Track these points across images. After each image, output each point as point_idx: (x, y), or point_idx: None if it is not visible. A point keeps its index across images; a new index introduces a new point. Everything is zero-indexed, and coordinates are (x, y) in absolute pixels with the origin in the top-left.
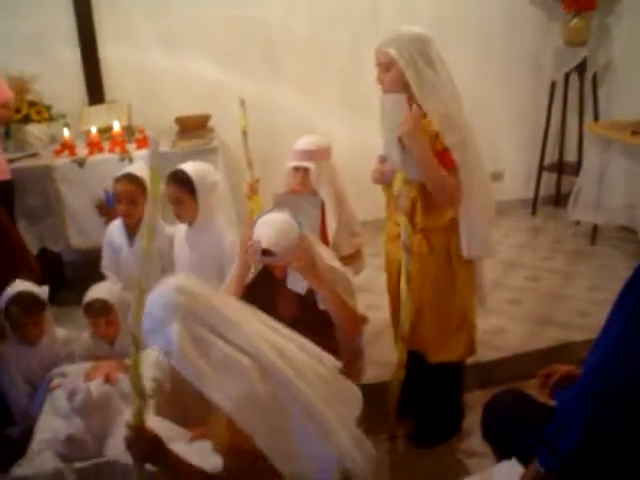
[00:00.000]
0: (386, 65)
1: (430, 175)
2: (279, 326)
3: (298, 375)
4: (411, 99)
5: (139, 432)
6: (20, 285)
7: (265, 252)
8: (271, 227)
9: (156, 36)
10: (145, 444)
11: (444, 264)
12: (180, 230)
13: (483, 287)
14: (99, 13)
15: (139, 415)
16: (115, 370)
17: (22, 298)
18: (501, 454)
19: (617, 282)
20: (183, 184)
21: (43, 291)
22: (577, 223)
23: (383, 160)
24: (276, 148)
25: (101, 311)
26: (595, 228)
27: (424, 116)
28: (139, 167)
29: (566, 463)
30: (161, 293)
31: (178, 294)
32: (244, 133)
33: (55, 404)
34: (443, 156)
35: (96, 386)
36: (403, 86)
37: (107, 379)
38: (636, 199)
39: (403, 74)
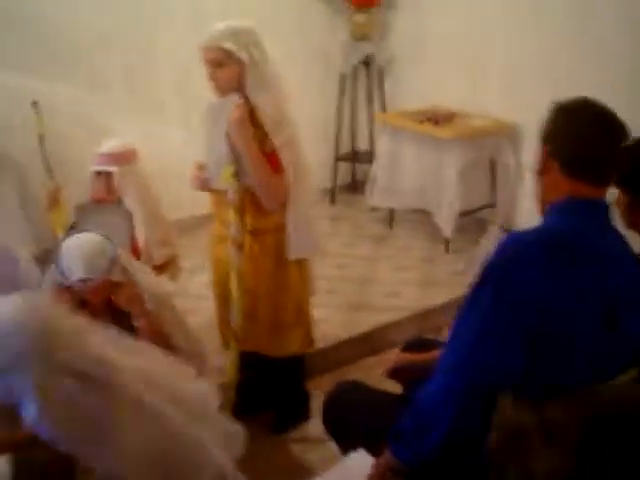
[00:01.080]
0: (219, 61)
1: (254, 172)
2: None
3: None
4: (243, 95)
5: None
6: None
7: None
8: (82, 254)
9: None
10: None
11: (276, 264)
12: None
13: (312, 280)
14: None
15: None
16: None
17: None
18: (345, 447)
19: (418, 261)
20: None
21: None
22: (374, 209)
23: (201, 167)
24: (67, 153)
25: None
26: (392, 212)
27: (254, 113)
28: None
29: (426, 459)
30: None
31: None
32: (40, 138)
33: None
34: (271, 158)
35: None
36: (238, 82)
37: None
38: (426, 183)
39: (239, 69)
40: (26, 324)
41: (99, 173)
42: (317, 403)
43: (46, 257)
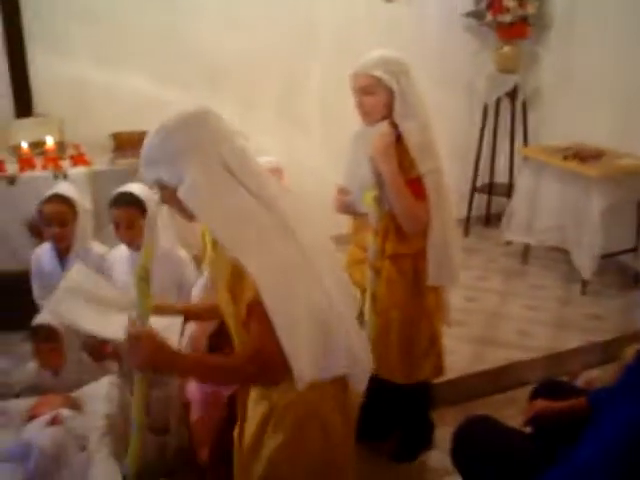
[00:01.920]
0: (369, 88)
1: (396, 198)
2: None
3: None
4: (391, 123)
5: (140, 338)
6: None
7: None
8: None
9: (87, 46)
10: (147, 350)
11: (412, 289)
12: (120, 253)
13: (449, 310)
14: (28, 20)
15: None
16: (61, 406)
17: None
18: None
19: (550, 301)
20: (134, 207)
21: None
22: (508, 243)
23: (343, 190)
24: None
25: (47, 338)
26: (527, 248)
27: (401, 140)
28: (66, 187)
29: None
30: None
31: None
32: None
33: None
34: (415, 185)
35: (49, 439)
36: (387, 109)
37: (53, 421)
38: (566, 221)
39: (388, 96)
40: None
41: None
42: (440, 434)
43: (196, 261)
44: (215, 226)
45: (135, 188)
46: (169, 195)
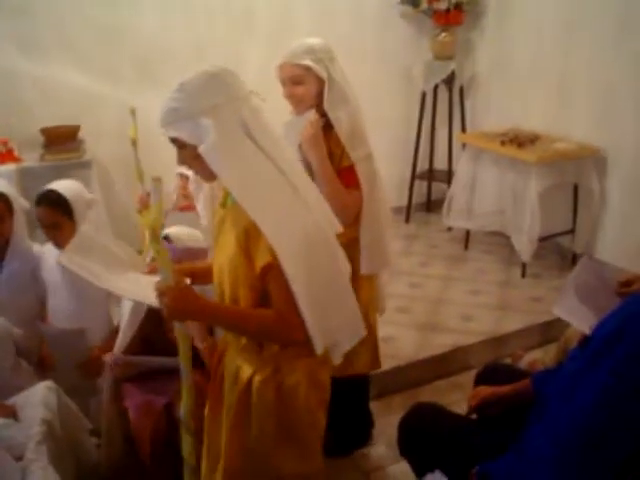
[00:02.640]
0: (298, 78)
1: (325, 187)
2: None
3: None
4: (319, 111)
5: (165, 292)
6: None
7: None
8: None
9: (14, 36)
10: (174, 301)
11: None
12: (49, 254)
13: (383, 298)
14: None
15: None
16: None
17: None
18: (419, 469)
19: (492, 285)
20: (58, 206)
21: None
22: (449, 229)
23: None
24: (154, 158)
25: None
26: (468, 233)
27: (331, 129)
28: (1, 183)
29: None
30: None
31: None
32: (134, 143)
33: None
34: (348, 173)
35: None
36: (318, 98)
37: None
38: (505, 205)
39: (318, 85)
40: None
41: (181, 175)
42: (387, 422)
43: None
44: (234, 185)
45: (62, 186)
46: (188, 154)
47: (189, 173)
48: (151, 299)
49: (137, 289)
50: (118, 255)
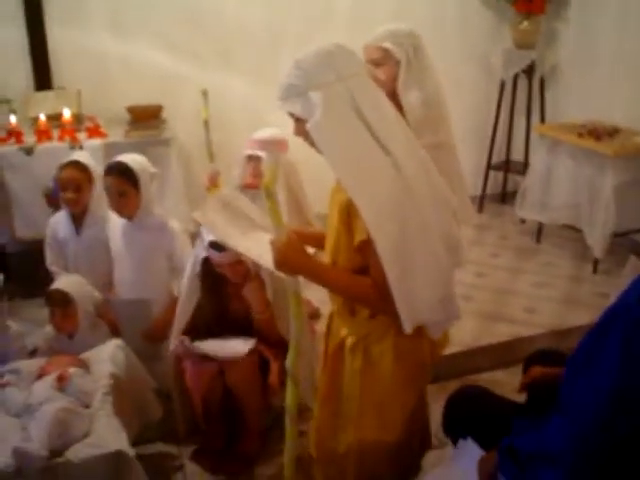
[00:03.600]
0: (379, 60)
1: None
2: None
3: (433, 204)
4: (392, 94)
5: (277, 245)
6: None
7: (213, 245)
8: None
9: (107, 21)
10: (285, 254)
11: None
12: (115, 223)
13: None
14: None
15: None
16: (68, 365)
17: None
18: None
19: (561, 279)
20: (125, 176)
21: None
22: (523, 221)
23: None
24: (229, 140)
25: (59, 302)
26: (540, 226)
27: (401, 113)
28: (83, 154)
29: None
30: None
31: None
32: (206, 124)
33: (6, 403)
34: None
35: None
36: (393, 82)
37: (59, 378)
38: (580, 199)
39: (396, 69)
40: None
41: (250, 157)
42: (439, 406)
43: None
44: (336, 163)
45: (130, 158)
46: (302, 128)
47: (261, 154)
48: (266, 260)
49: (258, 249)
50: (248, 215)
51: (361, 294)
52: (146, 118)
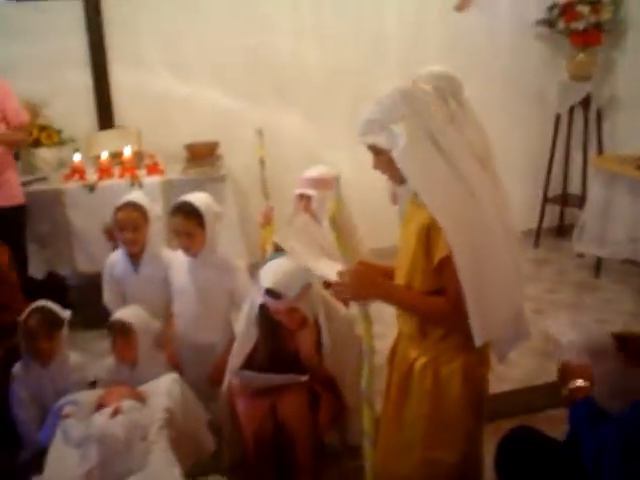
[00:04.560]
0: None
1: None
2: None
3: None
4: None
5: (347, 275)
6: (42, 301)
7: (269, 293)
8: (279, 268)
9: (166, 62)
10: (356, 284)
11: None
12: (178, 260)
13: None
14: (110, 37)
15: None
16: (125, 397)
17: (41, 311)
18: None
19: (623, 316)
20: (192, 216)
21: (65, 313)
22: (580, 255)
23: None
24: (283, 176)
25: (120, 332)
26: (599, 261)
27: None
28: (139, 194)
29: None
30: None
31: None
32: (261, 162)
33: (67, 434)
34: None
35: (119, 425)
36: None
37: (115, 411)
38: (639, 233)
39: None
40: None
41: (301, 195)
42: (491, 447)
43: (253, 270)
44: (421, 187)
45: (196, 198)
46: (383, 160)
47: (311, 193)
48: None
49: (330, 271)
50: (320, 244)
51: (436, 311)
52: (203, 155)
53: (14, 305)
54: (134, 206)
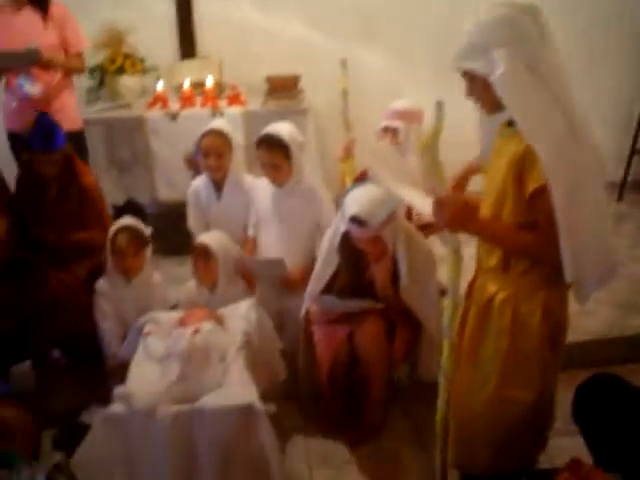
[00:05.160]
0: None
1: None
2: None
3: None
4: None
5: (442, 202)
6: (129, 219)
7: (354, 220)
8: (365, 196)
9: None
10: (451, 211)
11: None
12: (262, 188)
13: None
14: None
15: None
16: (205, 319)
17: (128, 229)
18: (590, 438)
19: None
20: (277, 148)
21: (148, 230)
22: None
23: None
24: (364, 111)
25: (202, 255)
26: None
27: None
28: (223, 122)
29: None
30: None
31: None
32: (344, 93)
33: (148, 350)
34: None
35: (200, 340)
36: None
37: (195, 332)
38: None
39: None
40: None
41: (386, 128)
42: (565, 395)
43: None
44: (519, 114)
45: (280, 129)
46: (478, 86)
47: (398, 125)
48: (426, 209)
49: (417, 200)
50: (403, 173)
51: (525, 243)
52: (284, 88)
53: (99, 227)
54: (218, 133)
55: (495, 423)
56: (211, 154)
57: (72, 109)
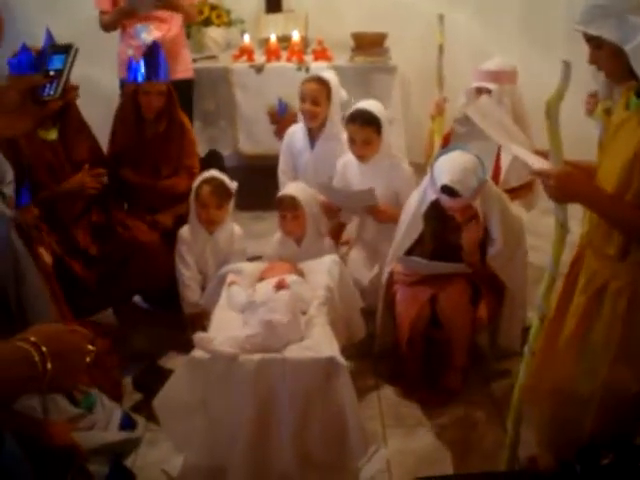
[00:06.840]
0: None
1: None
2: None
3: None
4: None
5: (553, 175)
6: (215, 171)
7: (445, 189)
8: (456, 164)
9: None
10: (563, 184)
11: None
12: (352, 159)
13: None
14: None
15: None
16: (288, 272)
17: (213, 181)
18: None
19: None
20: (370, 124)
21: (233, 184)
22: None
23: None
24: (452, 70)
25: (289, 206)
26: None
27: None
28: (328, 73)
29: None
30: None
31: None
32: (440, 49)
33: (232, 299)
34: None
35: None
36: None
37: (279, 284)
38: None
39: None
40: None
41: (479, 89)
42: None
43: (416, 169)
44: None
45: (371, 105)
46: (604, 54)
47: (491, 86)
48: (538, 164)
49: (528, 155)
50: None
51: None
52: (370, 45)
53: (186, 174)
54: (318, 80)
55: (603, 410)
56: (306, 99)
57: (188, 59)
